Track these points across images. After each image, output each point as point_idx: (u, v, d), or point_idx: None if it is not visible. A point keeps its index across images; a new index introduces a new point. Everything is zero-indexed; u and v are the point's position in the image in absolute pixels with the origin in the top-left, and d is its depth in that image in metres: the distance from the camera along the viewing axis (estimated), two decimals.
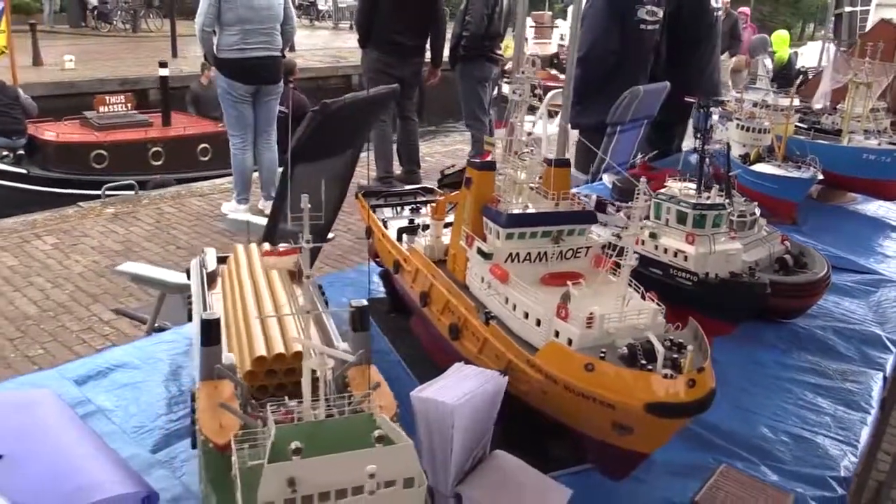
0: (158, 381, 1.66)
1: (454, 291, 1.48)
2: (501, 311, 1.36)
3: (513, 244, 1.37)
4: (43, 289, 4.33)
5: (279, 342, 1.32)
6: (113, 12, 23.79)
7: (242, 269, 1.69)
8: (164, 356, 1.76)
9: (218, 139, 9.10)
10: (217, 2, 5.01)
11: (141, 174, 8.19)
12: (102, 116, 8.88)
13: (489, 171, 1.46)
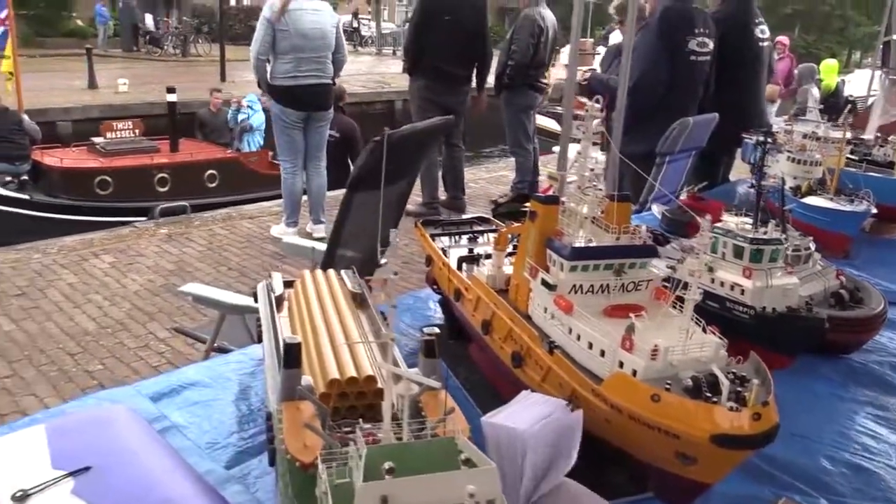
0: (229, 399, 1.74)
1: (517, 320, 1.53)
2: (565, 340, 1.40)
3: (576, 276, 1.42)
4: (101, 306, 4.48)
5: (351, 366, 1.38)
6: (164, 37, 24.52)
7: (310, 293, 1.76)
8: (233, 376, 1.83)
9: (225, 166, 9.22)
10: (272, 31, 5.18)
11: (146, 200, 8.25)
12: (110, 142, 8.97)
13: (553, 205, 1.51)
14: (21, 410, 3.37)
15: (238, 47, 23.66)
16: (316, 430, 1.12)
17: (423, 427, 1.03)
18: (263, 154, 9.89)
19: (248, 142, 10.29)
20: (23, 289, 4.68)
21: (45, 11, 25.86)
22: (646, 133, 3.98)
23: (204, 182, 8.90)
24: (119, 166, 8.45)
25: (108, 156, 8.61)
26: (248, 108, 10.47)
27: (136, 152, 8.90)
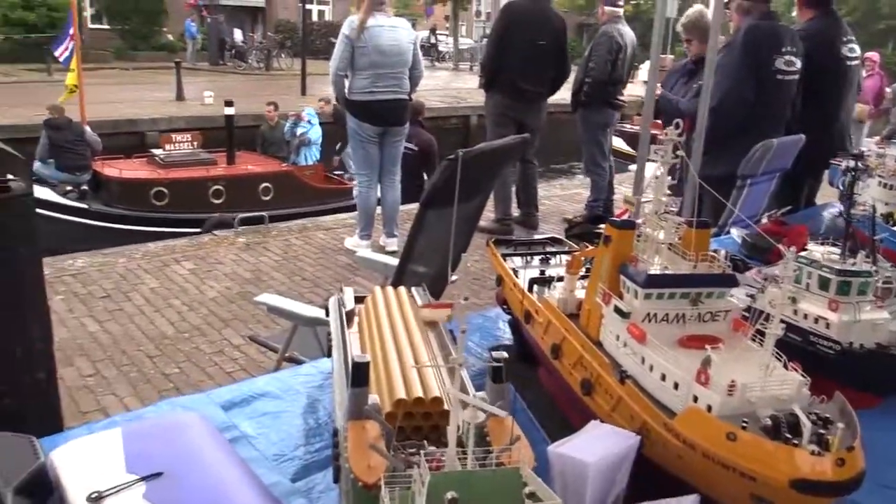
0: (297, 412, 1.76)
1: (588, 347, 1.50)
2: (637, 370, 1.36)
3: (651, 304, 1.38)
4: (180, 311, 4.63)
5: (418, 386, 1.37)
6: (249, 51, 25.35)
7: (380, 310, 1.77)
8: (302, 389, 1.85)
9: (280, 179, 9.29)
10: (351, 48, 5.29)
11: (201, 212, 8.38)
12: (169, 154, 9.16)
13: (628, 230, 1.48)
14: (102, 409, 3.51)
15: (319, 61, 24.25)
16: (381, 451, 1.11)
17: (488, 455, 1.02)
18: (319, 168, 9.97)
19: (305, 155, 10.40)
20: (108, 291, 4.89)
21: (140, 26, 27.12)
22: (727, 154, 3.87)
23: (258, 195, 8.97)
24: (175, 178, 8.59)
25: (165, 167, 8.78)
26: (307, 122, 10.59)
27: (193, 164, 9.05)
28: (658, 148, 1.50)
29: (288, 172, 9.53)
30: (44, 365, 2.27)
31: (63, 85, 10.20)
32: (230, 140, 9.68)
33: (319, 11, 36.02)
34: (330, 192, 9.62)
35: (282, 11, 30.54)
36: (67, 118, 8.86)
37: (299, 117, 10.71)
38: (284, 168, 9.69)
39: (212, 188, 8.73)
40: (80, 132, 8.67)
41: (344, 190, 9.84)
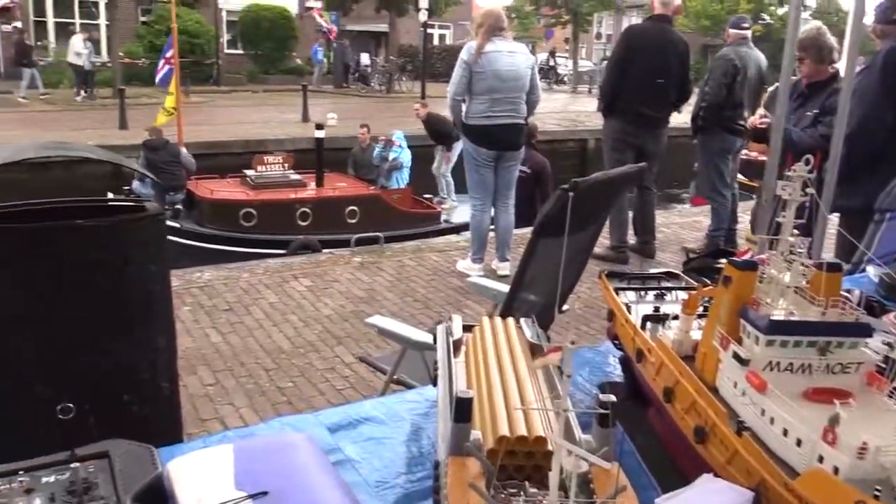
0: (400, 439, 1.76)
1: (703, 393, 1.42)
2: (756, 422, 1.28)
3: (773, 352, 1.29)
4: (296, 327, 4.78)
5: (522, 424, 1.35)
6: (371, 75, 26.16)
7: (488, 341, 1.76)
8: (407, 416, 1.86)
9: (367, 202, 9.27)
10: (469, 73, 5.35)
11: (288, 234, 8.37)
12: (260, 175, 9.28)
13: (751, 271, 1.39)
14: (219, 417, 3.66)
15: (438, 84, 24.68)
16: (480, 491, 1.09)
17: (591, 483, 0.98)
18: (406, 192, 9.94)
19: (396, 179, 10.43)
20: (231, 304, 5.12)
21: (271, 51, 28.59)
22: (864, 185, 3.62)
23: (344, 218, 8.98)
24: (263, 199, 8.70)
25: (255, 188, 8.93)
26: (398, 147, 10.61)
27: (282, 186, 9.14)
28: (785, 184, 1.41)
29: (375, 196, 9.55)
30: (168, 375, 2.39)
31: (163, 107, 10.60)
32: (319, 162, 9.78)
33: (440, 35, 36.82)
34: (417, 216, 9.58)
35: (404, 36, 31.38)
36: (164, 139, 9.25)
37: (390, 142, 10.77)
38: (372, 191, 9.73)
39: (299, 210, 8.78)
40: (176, 153, 9.00)
41: (432, 214, 9.84)
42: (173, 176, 8.95)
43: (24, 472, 1.46)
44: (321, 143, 9.99)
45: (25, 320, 2.08)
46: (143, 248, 2.17)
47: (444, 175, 11.24)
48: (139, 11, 28.00)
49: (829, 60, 4.55)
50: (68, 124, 14.77)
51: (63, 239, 2.07)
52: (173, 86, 10.55)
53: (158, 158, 8.86)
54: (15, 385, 2.12)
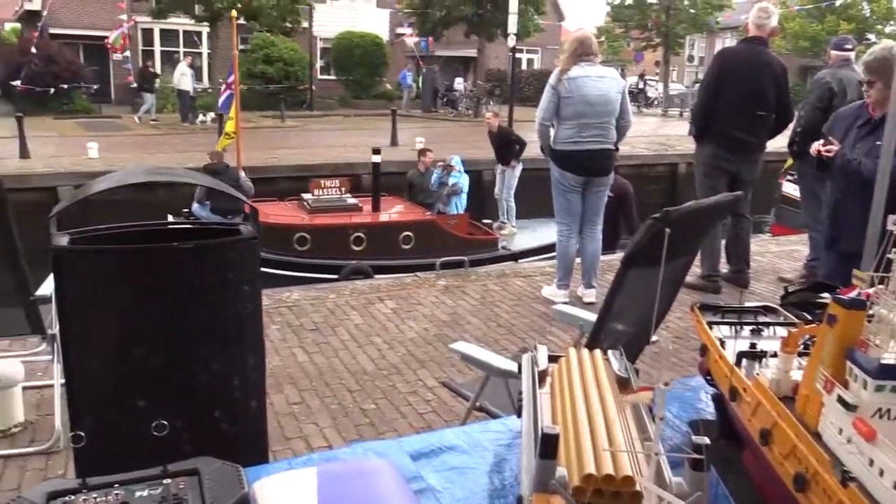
0: (483, 469, 1.74)
1: (803, 437, 1.34)
2: (863, 472, 1.20)
3: (883, 398, 1.21)
4: (380, 349, 4.83)
5: (609, 461, 1.31)
6: (459, 99, 26.44)
7: (574, 373, 1.72)
8: (490, 446, 1.84)
9: (422, 228, 9.08)
10: (557, 98, 5.32)
11: (341, 258, 8.22)
12: (318, 199, 9.10)
13: (859, 310, 1.31)
14: (303, 437, 3.72)
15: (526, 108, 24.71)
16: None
17: None
18: (464, 218, 9.77)
19: (455, 204, 10.31)
20: (318, 324, 5.23)
21: (363, 77, 29.34)
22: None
23: (399, 243, 8.84)
24: (317, 224, 8.60)
25: (311, 212, 8.86)
26: (457, 172, 10.47)
27: (338, 210, 9.04)
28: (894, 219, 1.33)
29: (430, 222, 9.38)
30: (256, 394, 2.45)
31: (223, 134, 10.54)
32: (376, 187, 9.68)
33: (528, 60, 36.92)
34: (475, 242, 9.38)
35: (492, 60, 31.62)
36: (225, 164, 9.32)
37: (449, 167, 10.64)
38: (427, 217, 9.56)
39: (353, 235, 8.65)
40: (236, 178, 9.06)
41: (489, 241, 9.62)
42: (230, 200, 8.87)
43: (119, 486, 1.52)
44: (378, 168, 9.90)
45: (128, 337, 2.17)
46: (239, 270, 2.24)
47: (506, 200, 11.13)
48: (239, 40, 29.29)
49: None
50: (172, 147, 15.54)
51: (164, 260, 2.16)
52: (233, 111, 10.74)
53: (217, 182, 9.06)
54: (117, 398, 2.21)
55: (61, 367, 3.82)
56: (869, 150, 3.82)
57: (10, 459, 3.51)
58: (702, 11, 29.24)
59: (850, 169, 3.86)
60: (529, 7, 24.91)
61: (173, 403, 2.25)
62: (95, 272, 2.15)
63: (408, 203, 10.28)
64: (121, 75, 27.96)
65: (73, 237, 2.24)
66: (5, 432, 3.73)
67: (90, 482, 1.53)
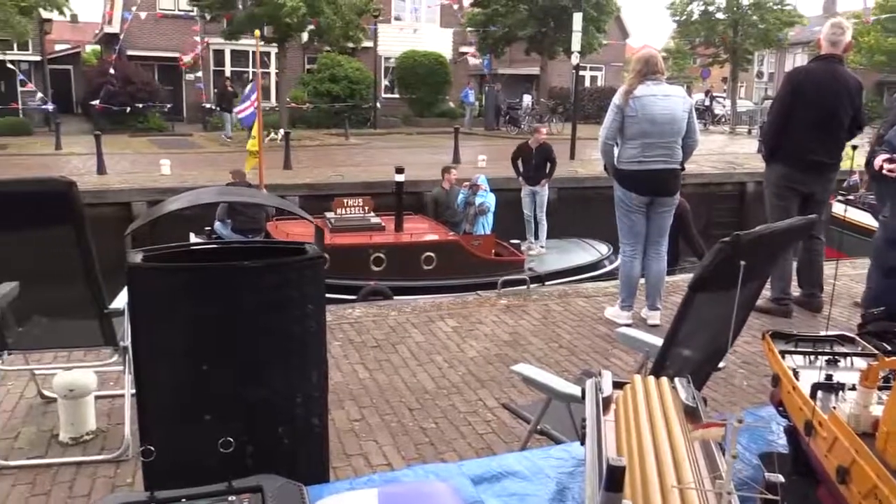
0: (544, 497, 1.72)
1: (885, 478, 1.28)
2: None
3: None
4: (441, 367, 4.82)
5: (677, 497, 1.27)
6: (521, 117, 26.43)
7: (640, 402, 1.68)
8: (552, 473, 1.81)
9: (445, 248, 8.80)
10: (621, 117, 5.26)
11: (360, 279, 7.98)
12: (340, 218, 8.91)
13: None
14: (363, 454, 3.73)
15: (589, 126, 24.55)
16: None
17: None
18: (490, 239, 9.51)
19: (482, 224, 10.09)
20: (379, 341, 5.26)
21: (425, 95, 29.66)
22: None
23: (420, 264, 8.56)
24: (336, 243, 8.32)
25: (332, 231, 8.64)
26: (483, 191, 10.20)
27: (360, 229, 8.80)
28: None
29: (454, 242, 9.13)
30: (318, 411, 2.47)
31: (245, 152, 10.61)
32: (399, 206, 9.46)
33: (591, 77, 36.69)
34: (500, 263, 9.12)
35: (555, 78, 31.56)
36: (247, 182, 9.21)
37: (476, 186, 10.42)
38: (451, 238, 9.33)
39: (373, 255, 8.39)
40: None
41: (515, 262, 9.34)
42: (251, 219, 8.92)
43: (185, 500, 1.55)
44: (401, 188, 9.69)
45: (196, 353, 2.22)
46: (304, 289, 2.27)
47: (538, 219, 10.92)
48: (305, 60, 30.00)
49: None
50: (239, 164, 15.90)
51: (232, 278, 2.21)
52: (256, 129, 10.59)
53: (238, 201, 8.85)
54: (185, 412, 2.26)
55: (131, 378, 3.95)
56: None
57: (82, 466, 3.62)
58: (772, 27, 28.56)
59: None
60: (592, 25, 24.77)
61: (238, 419, 2.29)
62: (167, 289, 2.21)
63: (434, 223, 10.05)
64: (192, 94, 28.97)
65: (146, 254, 2.32)
66: (77, 440, 3.86)
67: (158, 496, 1.57)
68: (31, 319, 4.02)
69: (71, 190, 3.18)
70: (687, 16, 30.66)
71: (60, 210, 3.24)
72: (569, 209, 14.08)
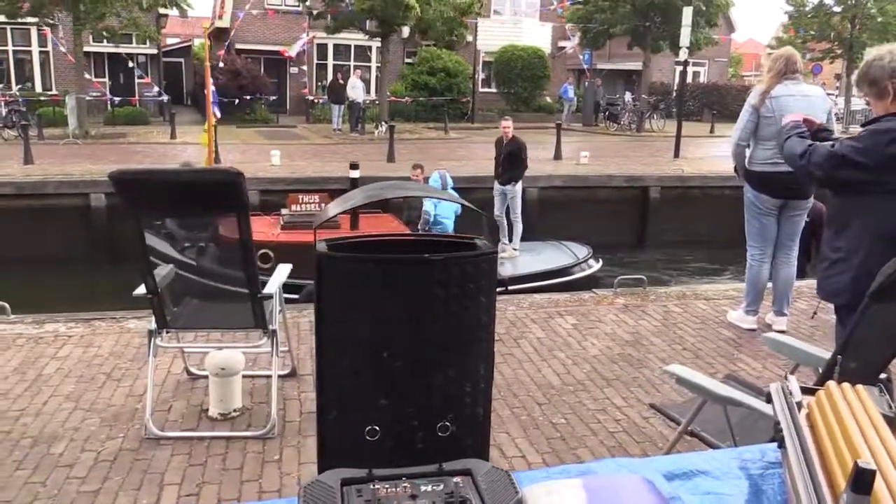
0: (740, 497, 1.74)
1: None
2: None
3: None
4: (564, 363, 4.86)
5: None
6: (622, 113, 26.01)
7: (840, 407, 1.68)
8: (741, 473, 1.83)
9: None
10: (756, 117, 5.14)
11: (303, 278, 7.73)
12: (294, 214, 8.54)
13: None
14: (496, 445, 3.82)
15: (692, 124, 23.91)
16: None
17: None
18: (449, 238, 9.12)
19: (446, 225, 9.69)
20: (500, 335, 5.34)
21: (523, 90, 29.56)
22: None
23: None
24: (282, 240, 8.04)
25: (283, 228, 8.35)
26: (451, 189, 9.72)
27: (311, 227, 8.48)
28: None
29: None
30: (484, 402, 2.56)
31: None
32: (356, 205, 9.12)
33: (694, 73, 35.72)
34: None
35: (656, 74, 30.90)
36: None
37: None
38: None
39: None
40: None
41: None
42: None
43: (405, 479, 1.65)
44: (356, 184, 9.42)
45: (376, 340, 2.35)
46: (478, 282, 2.36)
47: (514, 220, 10.23)
48: (405, 53, 30.43)
49: None
50: (343, 155, 16.33)
51: (414, 270, 2.32)
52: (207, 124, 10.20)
53: None
54: (361, 395, 2.39)
55: (278, 360, 4.17)
56: None
57: (231, 441, 3.85)
58: (892, 19, 27.06)
59: None
60: (701, 19, 24.09)
61: (411, 405, 2.40)
62: (353, 277, 2.34)
63: (399, 222, 9.69)
64: (296, 87, 29.86)
65: (329, 244, 2.46)
66: (226, 415, 4.11)
67: (376, 473, 1.68)
68: (184, 300, 4.29)
69: (239, 180, 3.38)
70: (800, 7, 29.40)
71: (229, 199, 3.45)
72: (670, 209, 13.82)
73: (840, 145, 3.36)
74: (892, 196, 3.24)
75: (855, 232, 3.27)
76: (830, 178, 3.42)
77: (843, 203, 3.41)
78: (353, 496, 1.46)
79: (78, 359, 4.85)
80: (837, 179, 3.38)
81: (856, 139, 3.36)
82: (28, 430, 3.88)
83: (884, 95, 3.31)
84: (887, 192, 3.25)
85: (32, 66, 26.19)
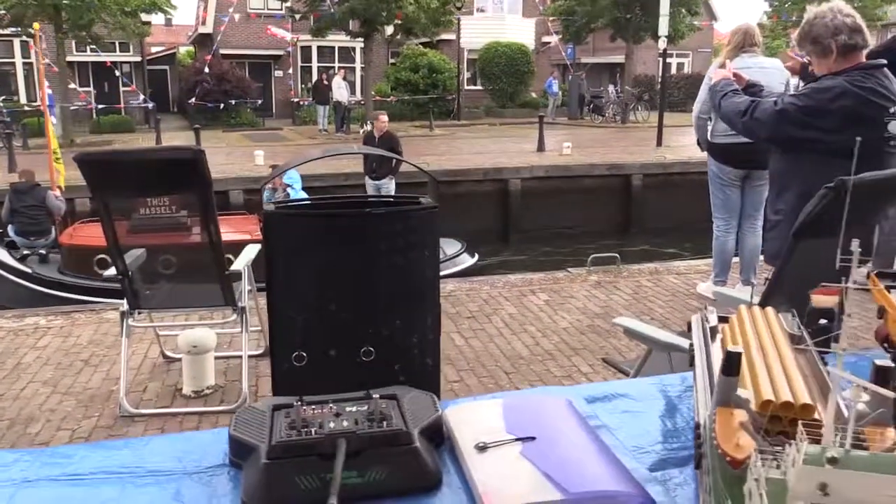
0: (655, 414, 1.83)
1: None
2: None
3: None
4: (534, 336, 4.96)
5: (786, 390, 1.37)
6: (606, 105, 26.11)
7: (746, 325, 1.78)
8: (660, 396, 1.93)
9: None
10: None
11: None
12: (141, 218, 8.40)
13: None
14: None
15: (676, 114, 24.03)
16: (750, 431, 1.15)
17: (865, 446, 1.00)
18: None
19: None
20: (473, 313, 5.44)
21: (507, 86, 29.67)
22: None
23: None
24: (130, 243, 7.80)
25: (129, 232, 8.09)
26: (290, 189, 9.38)
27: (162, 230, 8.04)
28: None
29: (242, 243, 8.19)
30: (432, 353, 2.66)
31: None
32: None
33: (678, 64, 35.85)
34: None
35: (640, 66, 31.00)
36: (33, 183, 8.66)
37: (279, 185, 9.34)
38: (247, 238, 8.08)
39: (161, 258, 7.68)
40: (42, 198, 8.51)
41: None
42: (33, 221, 8.47)
43: (331, 402, 1.75)
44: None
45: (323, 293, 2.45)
46: (421, 236, 2.46)
47: None
48: (389, 53, 30.53)
49: None
50: None
51: (358, 225, 2.42)
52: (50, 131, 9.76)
53: (20, 202, 8.49)
54: (312, 345, 2.49)
55: (254, 341, 4.25)
56: None
57: (204, 416, 3.94)
58: (870, 3, 27.22)
59: None
60: (681, 8, 24.23)
61: (359, 355, 2.50)
62: (299, 234, 2.44)
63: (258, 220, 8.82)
64: (282, 90, 29.92)
65: (277, 206, 2.55)
66: (199, 392, 4.20)
67: (306, 399, 1.77)
68: (156, 282, 4.38)
69: (199, 157, 3.46)
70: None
71: (188, 176, 3.54)
72: (652, 195, 13.95)
73: (782, 101, 3.41)
74: (833, 156, 3.32)
75: (795, 193, 3.31)
76: (773, 137, 3.48)
77: (784, 164, 3.48)
78: (281, 418, 1.56)
79: (57, 348, 4.93)
80: (780, 137, 3.44)
81: (797, 96, 3.42)
82: (5, 413, 3.96)
83: (827, 54, 3.26)
84: (829, 151, 3.31)
85: (16, 77, 26.18)
